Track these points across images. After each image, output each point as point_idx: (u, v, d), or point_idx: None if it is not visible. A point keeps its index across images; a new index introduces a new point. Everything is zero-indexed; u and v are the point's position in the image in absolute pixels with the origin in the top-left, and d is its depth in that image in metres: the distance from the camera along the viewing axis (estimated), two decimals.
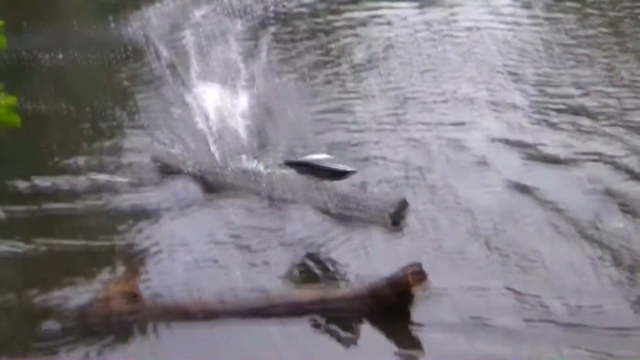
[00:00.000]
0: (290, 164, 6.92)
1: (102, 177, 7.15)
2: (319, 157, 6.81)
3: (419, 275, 5.30)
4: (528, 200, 6.74)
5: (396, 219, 6.53)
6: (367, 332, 5.22)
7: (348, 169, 6.73)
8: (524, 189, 6.89)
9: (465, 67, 9.84)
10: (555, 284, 5.56)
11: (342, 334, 5.18)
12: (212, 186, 7.05)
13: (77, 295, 5.42)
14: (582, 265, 5.76)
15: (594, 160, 7.36)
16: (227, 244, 6.15)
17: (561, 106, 8.61)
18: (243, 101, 8.85)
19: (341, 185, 6.89)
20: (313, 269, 5.79)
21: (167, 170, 7.31)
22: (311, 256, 5.99)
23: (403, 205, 6.65)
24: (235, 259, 5.95)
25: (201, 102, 8.71)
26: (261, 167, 7.30)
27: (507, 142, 7.82)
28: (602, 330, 5.07)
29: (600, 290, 5.48)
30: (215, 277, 5.71)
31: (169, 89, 9.15)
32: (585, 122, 8.18)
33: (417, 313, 5.31)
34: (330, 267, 5.83)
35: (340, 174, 6.69)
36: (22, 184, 6.98)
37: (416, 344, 5.09)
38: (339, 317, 5.28)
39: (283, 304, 5.28)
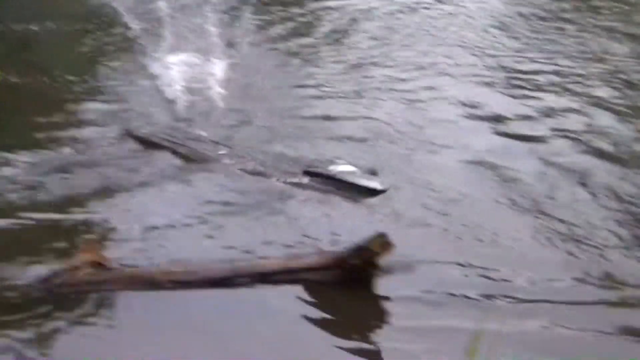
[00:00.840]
0: (311, 175, 6.53)
1: (71, 149, 7.13)
2: (344, 169, 6.36)
3: (385, 245, 5.33)
4: (490, 173, 6.79)
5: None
6: (332, 301, 5.23)
7: (379, 187, 6.25)
8: (486, 162, 6.94)
9: (433, 38, 9.89)
10: (516, 258, 5.61)
11: (307, 303, 5.20)
12: (184, 158, 7.05)
13: (45, 266, 5.40)
14: (541, 239, 5.81)
15: (556, 135, 7.42)
16: (196, 215, 6.14)
17: (528, 79, 8.68)
18: (218, 72, 8.85)
19: (309, 156, 6.95)
20: (281, 239, 5.80)
21: (138, 142, 7.29)
22: (279, 226, 6.01)
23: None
24: (204, 230, 5.96)
25: (174, 73, 8.70)
26: (234, 139, 7.32)
27: (470, 114, 7.88)
28: (562, 304, 5.12)
29: (559, 263, 5.53)
30: (183, 247, 5.71)
31: (141, 60, 9.12)
32: (550, 97, 8.24)
33: (382, 284, 5.34)
34: (297, 237, 5.84)
35: (369, 192, 6.26)
36: None
37: (380, 315, 5.09)
38: (305, 285, 5.31)
39: (249, 273, 5.31)
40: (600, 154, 7.06)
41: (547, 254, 5.64)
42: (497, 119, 7.79)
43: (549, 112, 7.89)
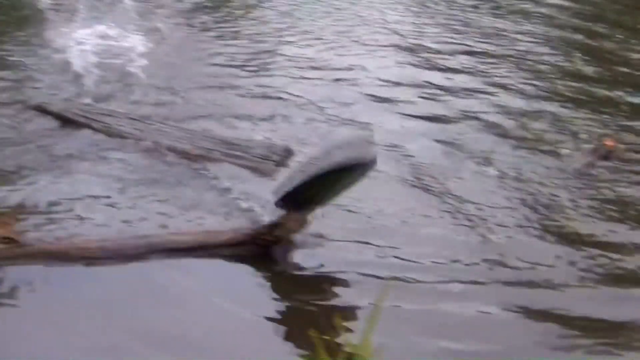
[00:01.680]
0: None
1: None
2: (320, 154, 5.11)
3: (300, 222, 5.41)
4: (395, 154, 6.85)
5: (280, 165, 6.62)
6: (247, 276, 5.29)
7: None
8: (392, 143, 6.98)
9: (349, 16, 9.98)
10: (422, 237, 5.70)
11: (221, 278, 5.26)
12: (99, 133, 6.99)
13: None
14: (447, 219, 5.90)
15: (463, 115, 7.56)
16: (111, 191, 6.10)
17: (440, 59, 8.80)
18: (133, 46, 8.78)
19: (226, 131, 6.98)
20: (197, 214, 5.82)
21: (51, 117, 7.20)
22: (195, 202, 6.02)
23: (288, 152, 6.75)
24: (119, 205, 5.93)
25: (88, 47, 8.60)
26: (150, 114, 7.29)
27: (379, 94, 7.96)
28: (467, 283, 5.23)
29: (464, 243, 5.61)
30: (98, 222, 5.70)
31: (52, 33, 8.97)
32: (460, 77, 8.39)
33: (297, 260, 5.42)
34: (213, 212, 5.88)
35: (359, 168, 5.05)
36: None
37: (294, 291, 5.14)
38: (220, 260, 5.36)
39: (163, 249, 5.34)
40: (504, 134, 7.18)
41: (452, 233, 5.73)
42: (407, 98, 7.90)
43: (459, 92, 8.04)
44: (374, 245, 5.54)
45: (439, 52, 9.10)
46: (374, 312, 2.32)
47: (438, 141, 7.04)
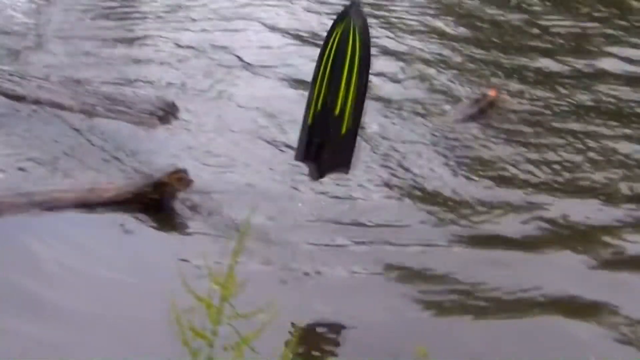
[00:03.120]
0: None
1: None
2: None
3: (183, 180, 5.48)
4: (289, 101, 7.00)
5: (164, 121, 6.66)
6: (134, 233, 5.31)
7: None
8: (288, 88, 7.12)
9: None
10: (283, 196, 5.74)
11: (108, 233, 5.28)
12: None
13: None
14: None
15: None
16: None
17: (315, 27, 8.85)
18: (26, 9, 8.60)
19: (109, 87, 6.96)
20: (79, 171, 5.82)
21: None
22: (78, 159, 6.01)
23: (171, 107, 6.79)
24: (6, 163, 5.87)
25: None
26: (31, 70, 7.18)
27: (261, 59, 8.03)
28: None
29: (316, 204, 5.66)
30: None
31: None
32: None
33: (181, 217, 5.48)
34: (97, 169, 5.89)
35: None
36: None
37: (180, 248, 5.11)
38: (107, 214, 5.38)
39: (47, 206, 5.33)
40: (378, 98, 7.20)
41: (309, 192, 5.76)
42: (288, 63, 7.97)
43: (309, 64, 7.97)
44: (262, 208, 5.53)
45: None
46: (236, 248, 2.41)
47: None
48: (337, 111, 4.65)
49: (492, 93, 7.12)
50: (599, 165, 6.27)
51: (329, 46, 4.66)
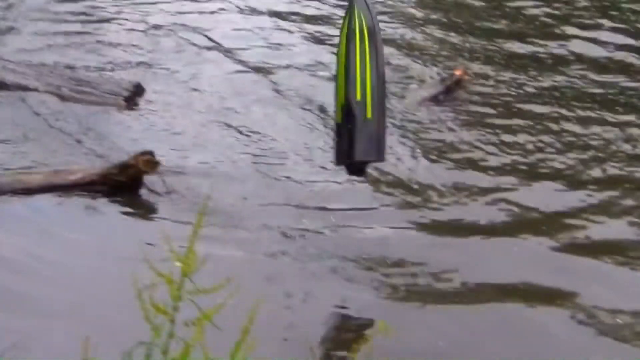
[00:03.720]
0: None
1: None
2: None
3: (151, 162, 5.47)
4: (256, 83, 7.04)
5: (130, 102, 6.64)
6: (100, 216, 5.30)
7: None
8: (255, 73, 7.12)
9: None
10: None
11: (73, 217, 5.27)
12: None
13: None
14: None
15: (284, 67, 7.58)
16: None
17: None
18: None
19: (76, 69, 6.91)
20: (45, 154, 5.79)
21: None
22: (44, 141, 5.98)
23: (138, 89, 6.76)
24: None
25: None
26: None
27: (213, 44, 8.00)
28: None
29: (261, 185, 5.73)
30: None
31: None
32: (282, 35, 8.35)
33: (148, 199, 5.49)
34: (63, 151, 5.86)
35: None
36: None
37: (147, 230, 5.09)
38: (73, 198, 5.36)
39: (12, 189, 5.31)
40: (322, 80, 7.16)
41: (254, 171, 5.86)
42: (257, 45, 7.98)
43: (279, 48, 8.02)
44: (229, 190, 5.60)
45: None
46: (195, 227, 2.44)
47: (263, 88, 7.09)
48: (358, 97, 4.61)
49: (458, 72, 7.16)
50: (564, 148, 6.30)
51: (343, 41, 4.68)
